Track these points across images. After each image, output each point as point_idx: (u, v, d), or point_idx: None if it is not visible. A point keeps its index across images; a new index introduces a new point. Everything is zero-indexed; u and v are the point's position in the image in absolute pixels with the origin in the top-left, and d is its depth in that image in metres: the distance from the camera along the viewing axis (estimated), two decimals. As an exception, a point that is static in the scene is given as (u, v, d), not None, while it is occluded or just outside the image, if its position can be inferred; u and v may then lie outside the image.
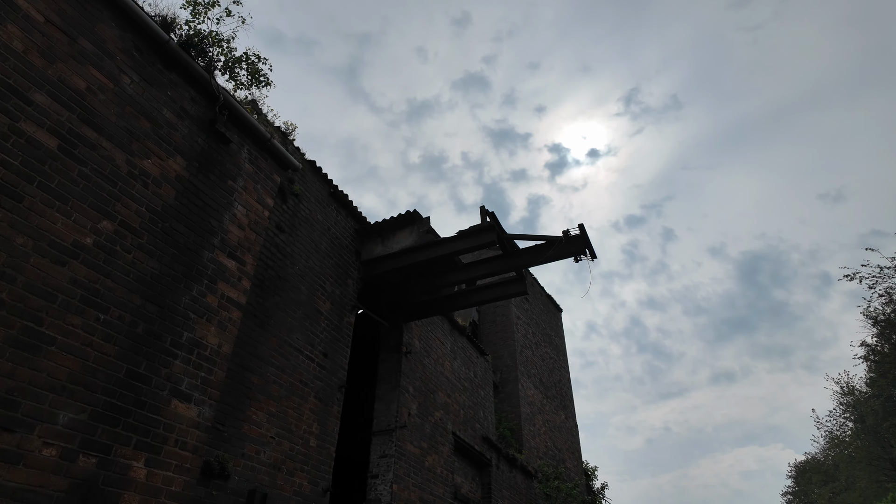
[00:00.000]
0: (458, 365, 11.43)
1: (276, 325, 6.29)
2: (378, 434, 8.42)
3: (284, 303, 6.52)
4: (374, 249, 8.50)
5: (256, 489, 5.35)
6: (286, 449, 5.93)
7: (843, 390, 35.44)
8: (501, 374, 19.22)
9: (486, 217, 7.85)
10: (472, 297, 9.09)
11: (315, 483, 6.23)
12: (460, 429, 10.68)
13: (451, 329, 11.63)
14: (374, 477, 8.02)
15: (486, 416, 12.30)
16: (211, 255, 4.75)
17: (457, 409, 10.77)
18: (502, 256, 8.28)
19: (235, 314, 4.82)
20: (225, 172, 5.20)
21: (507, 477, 12.38)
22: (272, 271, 6.44)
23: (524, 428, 17.50)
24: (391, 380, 8.91)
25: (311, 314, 6.97)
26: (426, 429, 9.28)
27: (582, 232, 7.66)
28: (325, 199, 7.99)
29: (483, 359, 13.07)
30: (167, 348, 4.10)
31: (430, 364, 10.14)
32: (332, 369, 7.08)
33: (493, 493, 11.38)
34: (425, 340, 10.19)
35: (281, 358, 6.21)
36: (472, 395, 11.83)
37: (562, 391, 22.54)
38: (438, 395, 10.10)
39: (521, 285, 8.80)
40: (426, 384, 9.73)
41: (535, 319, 22.73)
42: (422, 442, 9.00)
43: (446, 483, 9.49)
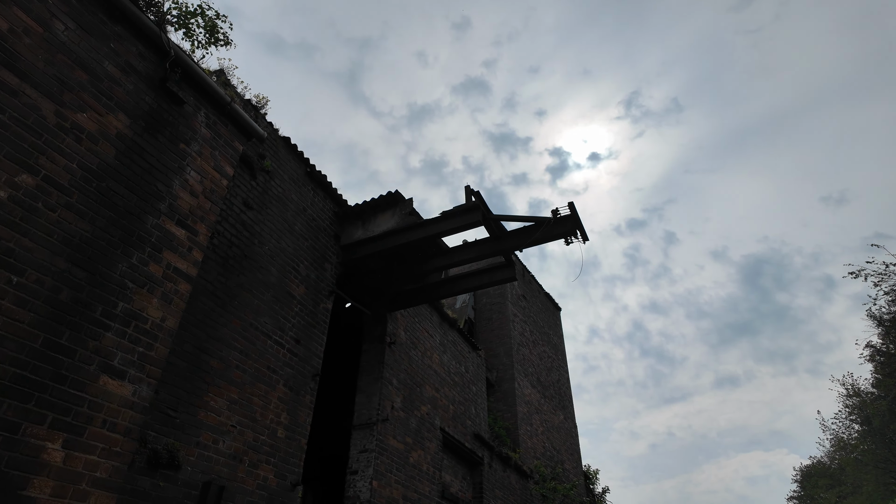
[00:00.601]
0: (447, 359, 10.97)
1: (241, 306, 5.85)
2: (358, 428, 7.96)
3: (251, 284, 6.08)
4: (354, 233, 8.07)
5: (212, 481, 4.90)
6: (249, 439, 5.48)
7: (848, 392, 34.83)
8: (497, 373, 18.73)
9: (471, 197, 7.41)
10: (459, 285, 8.65)
11: (283, 477, 5.77)
12: (449, 425, 10.21)
13: (441, 322, 11.18)
14: (354, 473, 7.56)
15: (479, 413, 11.82)
16: (156, 221, 4.32)
17: (446, 405, 10.30)
18: (489, 240, 7.84)
19: (184, 287, 4.38)
20: (177, 135, 4.78)
21: (500, 476, 11.88)
22: (237, 249, 6.01)
23: (521, 428, 16.98)
24: (374, 371, 8.45)
25: (283, 297, 6.54)
26: (411, 423, 8.81)
27: (572, 211, 7.22)
28: (301, 179, 7.57)
29: (476, 354, 12.61)
30: (97, 319, 3.67)
31: (417, 356, 9.68)
32: (304, 357, 6.64)
33: (485, 493, 10.89)
34: (412, 332, 9.74)
35: (245, 342, 5.77)
36: (463, 391, 11.36)
37: (560, 391, 22.02)
38: (425, 389, 9.64)
39: (511, 271, 8.36)
40: (412, 377, 9.27)
41: (532, 317, 22.24)
42: (406, 437, 8.54)
43: (433, 481, 9.01)
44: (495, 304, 20.62)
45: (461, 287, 8.61)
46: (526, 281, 23.13)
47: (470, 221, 7.22)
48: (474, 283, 8.50)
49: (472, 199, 7.38)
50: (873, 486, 31.20)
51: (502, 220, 7.54)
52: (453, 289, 8.69)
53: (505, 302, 20.37)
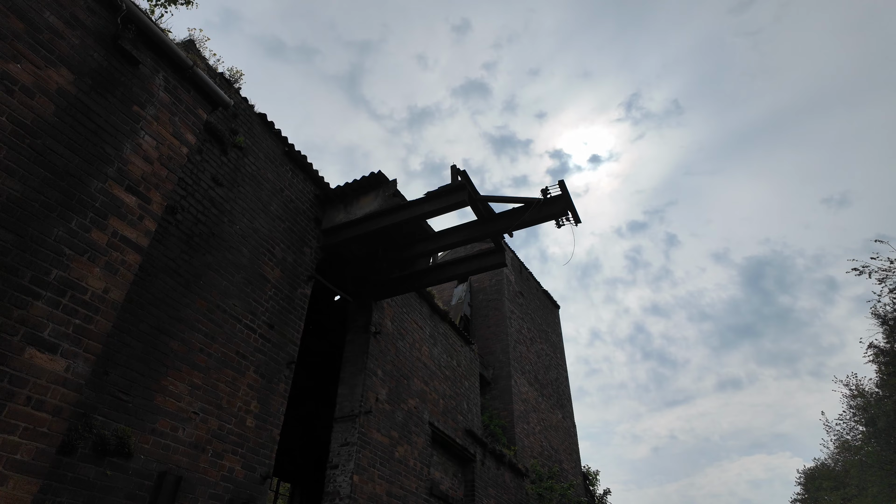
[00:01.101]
0: (438, 352, 10.60)
1: (207, 287, 5.49)
2: (340, 420, 7.59)
3: (219, 264, 5.72)
4: (335, 217, 7.71)
5: (169, 471, 4.53)
6: (214, 427, 5.11)
7: (851, 393, 34.36)
8: (494, 370, 18.34)
9: (457, 176, 7.05)
10: (446, 271, 8.28)
11: (251, 468, 5.40)
12: (439, 420, 9.83)
13: (432, 313, 10.80)
14: (334, 467, 7.18)
15: (471, 409, 11.44)
16: (102, 185, 3.97)
17: (435, 399, 9.92)
18: (477, 223, 7.48)
19: (132, 257, 4.02)
20: (130, 96, 4.43)
21: (493, 474, 11.48)
22: (204, 227, 5.66)
23: (517, 426, 16.58)
24: (357, 362, 8.08)
25: (255, 280, 6.17)
26: (397, 417, 8.43)
27: (563, 191, 6.86)
28: (279, 158, 7.22)
29: (468, 348, 12.22)
30: (25, 286, 3.31)
31: (405, 348, 9.31)
32: (279, 343, 6.27)
33: (477, 491, 10.50)
34: (399, 322, 9.37)
35: (211, 324, 5.40)
36: (455, 385, 10.98)
37: (558, 389, 21.61)
38: (413, 382, 9.27)
39: (500, 256, 7.98)
40: (399, 369, 8.89)
41: (530, 315, 21.85)
42: (391, 431, 8.16)
43: (421, 477, 8.62)
44: (492, 300, 20.24)
45: (449, 273, 8.25)
46: (523, 278, 22.75)
47: (456, 202, 6.86)
48: (463, 270, 8.14)
49: (457, 178, 7.02)
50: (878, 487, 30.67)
51: (490, 201, 7.18)
52: (441, 275, 8.33)
53: (501, 298, 19.99)
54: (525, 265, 23.43)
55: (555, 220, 7.11)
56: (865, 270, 25.06)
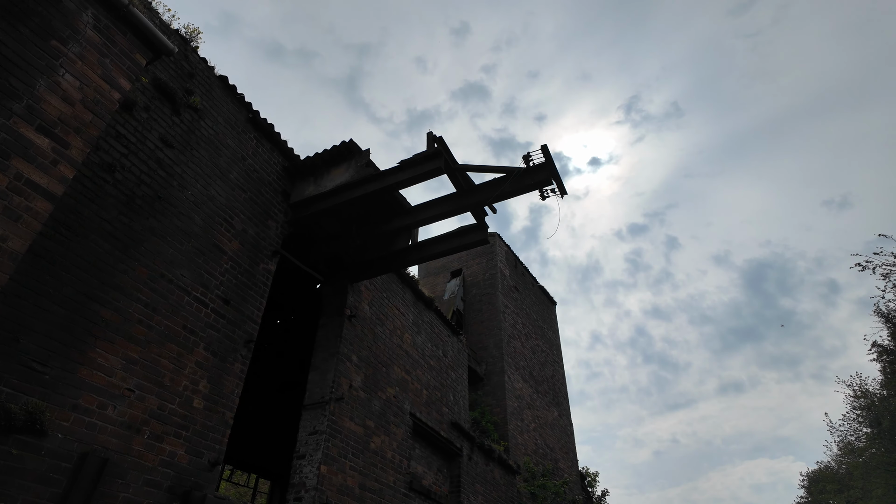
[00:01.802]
0: (422, 340, 10.08)
1: (150, 253, 4.99)
2: (309, 408, 7.07)
3: (166, 230, 5.22)
4: (305, 190, 7.22)
5: (93, 452, 4.01)
6: (153, 407, 4.60)
7: (855, 394, 33.76)
8: (487, 366, 17.80)
9: (432, 143, 6.56)
10: (427, 250, 7.77)
11: (197, 453, 4.88)
12: (422, 411, 9.30)
13: (416, 301, 10.29)
14: (301, 457, 6.66)
15: (458, 401, 10.91)
16: (5, 122, 3.47)
17: (418, 388, 9.39)
18: (456, 195, 6.98)
19: (41, 205, 3.52)
20: (48, 29, 3.93)
21: (481, 470, 10.94)
22: (148, 189, 5.16)
23: (510, 423, 16.02)
24: (329, 346, 7.57)
25: (208, 251, 5.67)
26: (374, 405, 7.91)
27: (546, 157, 6.36)
28: (241, 125, 6.73)
29: (456, 339, 11.70)
30: None
31: (384, 334, 8.79)
32: (235, 320, 5.76)
33: (463, 487, 9.96)
34: (379, 307, 8.86)
35: (153, 294, 4.90)
36: (440, 376, 10.45)
37: (555, 387, 21.04)
38: (393, 370, 8.74)
39: (482, 233, 7.47)
40: (377, 356, 8.38)
41: (525, 310, 21.31)
42: (367, 420, 7.63)
43: (399, 470, 8.09)
44: (485, 294, 19.72)
45: (430, 252, 7.74)
46: (518, 273, 22.22)
47: (431, 169, 6.36)
48: (443, 248, 7.63)
49: (433, 145, 6.53)
50: (883, 489, 30.01)
51: (469, 170, 6.69)
52: (421, 254, 7.81)
53: (495, 292, 19.46)
54: (520, 260, 22.90)
55: (539, 190, 6.61)
56: (869, 266, 24.43)
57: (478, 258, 21.13)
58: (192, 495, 4.65)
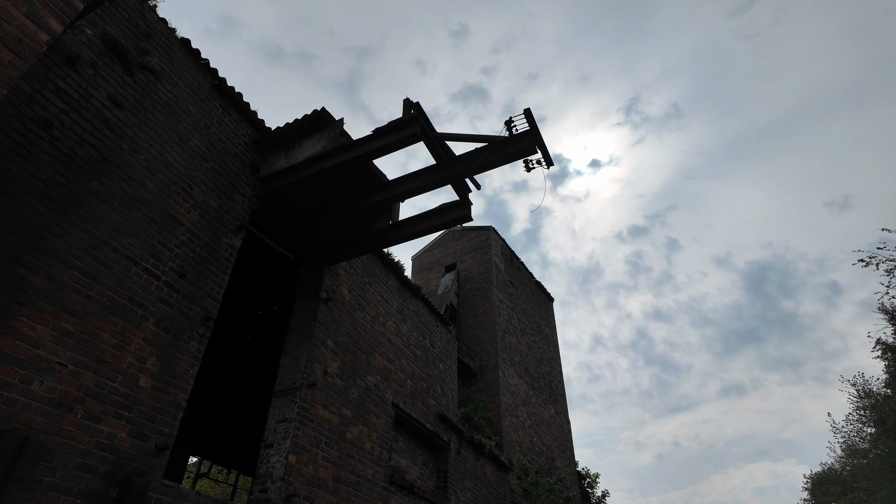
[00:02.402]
0: (407, 329, 9.64)
1: (92, 218, 4.56)
2: (279, 395, 6.63)
3: (112, 195, 4.80)
4: (275, 163, 6.80)
5: (10, 431, 3.58)
6: (90, 384, 4.17)
7: (859, 393, 33.25)
8: (480, 361, 17.35)
9: (409, 110, 6.14)
10: (407, 229, 7.33)
11: (143, 437, 4.44)
12: (406, 402, 8.86)
13: (401, 288, 9.86)
14: (269, 447, 6.22)
15: (446, 394, 10.46)
16: None
17: (402, 378, 8.95)
18: (435, 167, 6.56)
19: (-59, 146, 3.10)
20: (-40, -43, 3.52)
21: (471, 466, 10.48)
22: (92, 150, 4.73)
23: (504, 419, 15.56)
24: (303, 330, 7.14)
25: (162, 220, 5.24)
26: (351, 394, 7.47)
27: (530, 123, 5.93)
28: (206, 92, 6.31)
29: (445, 330, 11.26)
30: None
31: (365, 320, 8.36)
32: (192, 296, 5.33)
33: (451, 483, 9.50)
34: (359, 292, 8.42)
35: (94, 262, 4.47)
36: (427, 367, 10.01)
37: (551, 384, 20.56)
38: (374, 358, 8.30)
39: (465, 209, 7.04)
40: (356, 342, 7.94)
41: (521, 305, 20.85)
42: (343, 408, 7.19)
43: (379, 463, 7.64)
44: (480, 289, 19.27)
45: (410, 231, 7.30)
46: (514, 268, 21.77)
47: (406, 136, 5.94)
48: (424, 226, 7.19)
49: (410, 111, 6.10)
50: (888, 490, 29.46)
51: (447, 139, 6.26)
52: (401, 233, 7.37)
53: (490, 287, 19.01)
54: (516, 255, 22.46)
55: (524, 161, 6.20)
56: (872, 262, 23.94)
57: (472, 252, 20.70)
58: (134, 482, 4.21)
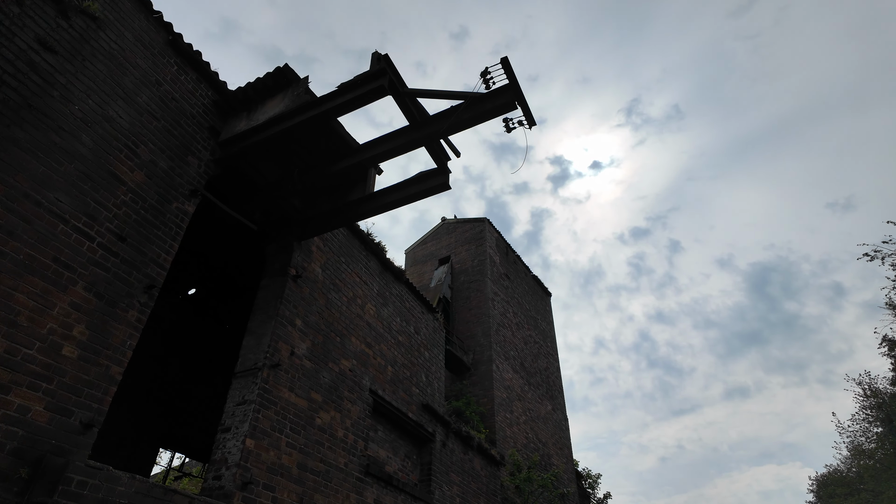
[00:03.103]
0: (388, 313, 9.13)
1: (10, 168, 4.07)
2: (240, 375, 6.13)
3: (37, 144, 4.31)
4: (237, 126, 6.31)
5: None
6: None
7: (865, 392, 32.57)
8: (474, 355, 16.83)
9: (377, 62, 5.64)
10: (382, 199, 6.82)
11: (65, 412, 3.94)
12: (386, 389, 8.34)
13: (382, 270, 9.35)
14: (226, 430, 5.71)
15: (432, 383, 9.94)
16: None
17: (381, 364, 8.44)
18: (409, 128, 6.06)
19: None
20: None
21: (458, 459, 9.96)
22: (14, 94, 4.25)
23: (498, 414, 15.02)
24: (269, 308, 6.64)
25: (100, 178, 4.75)
26: (323, 377, 6.97)
27: (510, 77, 5.42)
28: (158, 47, 5.82)
29: (431, 317, 10.75)
30: None
31: (340, 302, 7.85)
32: (132, 261, 4.83)
33: (435, 476, 8.98)
34: (335, 272, 7.93)
35: (10, 215, 3.98)
36: (411, 354, 9.50)
37: (548, 379, 20.01)
38: (350, 341, 7.80)
39: (443, 177, 6.52)
40: (329, 323, 7.44)
41: (516, 299, 20.33)
42: (313, 392, 6.69)
43: (354, 452, 7.13)
44: (474, 282, 18.76)
45: (386, 201, 6.79)
46: (510, 261, 21.26)
47: (373, 89, 5.45)
48: (402, 195, 6.68)
49: (378, 63, 5.61)
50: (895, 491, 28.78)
51: (420, 96, 5.76)
52: (377, 204, 6.87)
53: (484, 279, 18.50)
54: (512, 248, 21.95)
55: (503, 121, 5.71)
56: (877, 256, 23.33)
57: (466, 245, 20.20)
58: (49, 461, 3.71)
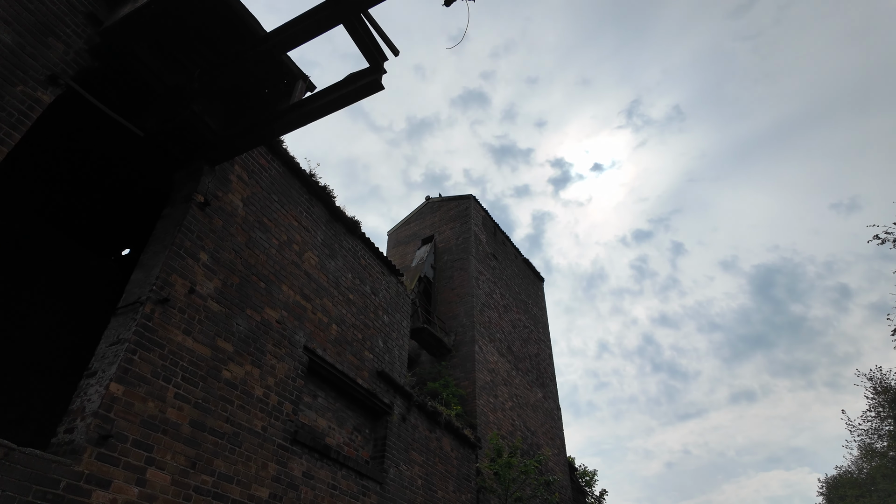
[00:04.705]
0: (336, 267, 7.98)
1: None
2: (120, 313, 4.99)
3: None
4: (121, 10, 5.19)
5: None
6: None
7: (875, 388, 31.25)
8: (456, 336, 15.63)
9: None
10: (307, 106, 5.64)
11: None
12: (328, 349, 7.19)
13: (331, 219, 8.21)
14: (91, 375, 4.56)
15: (392, 350, 8.77)
16: None
17: (323, 322, 7.28)
18: (324, 6, 4.93)
19: None
20: None
21: (421, 436, 8.77)
22: None
23: (479, 397, 13.79)
24: (165, 239, 5.50)
25: None
26: (237, 324, 5.82)
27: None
28: None
29: (394, 280, 9.60)
30: None
31: (269, 244, 6.71)
32: (-62, 139, 3.70)
33: (390, 452, 7.80)
34: (263, 209, 6.79)
35: None
36: (364, 315, 8.34)
37: (539, 366, 18.75)
38: (280, 290, 6.65)
39: (375, 75, 5.35)
40: (251, 266, 6.29)
41: (505, 280, 19.11)
42: (220, 340, 5.53)
43: (277, 415, 5.97)
44: (458, 260, 17.57)
45: (312, 107, 5.62)
46: (498, 241, 20.05)
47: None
48: (329, 99, 5.50)
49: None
50: (905, 493, 27.42)
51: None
52: (301, 112, 5.69)
53: (468, 257, 17.31)
54: (501, 228, 20.76)
55: (437, -9, 4.57)
56: (889, 238, 21.96)
57: (451, 223, 19.03)
58: None
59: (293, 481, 5.96)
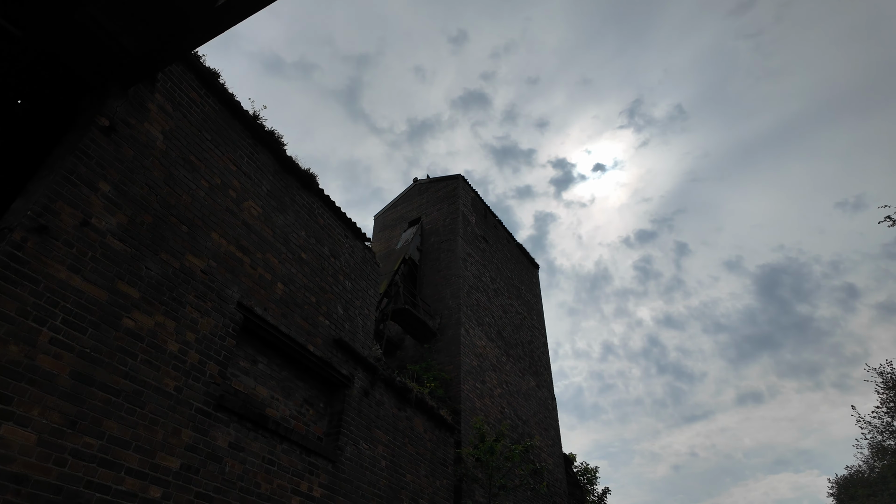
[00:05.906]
0: (285, 222, 7.15)
1: None
2: (-13, 243, 4.15)
3: None
4: None
5: None
6: None
7: (886, 383, 30.19)
8: (441, 319, 14.75)
9: None
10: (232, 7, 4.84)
11: None
12: (271, 309, 6.34)
13: (280, 170, 7.39)
14: (-64, 312, 3.72)
15: (353, 319, 7.92)
16: None
17: (265, 279, 6.45)
18: None
19: None
20: None
21: (388, 414, 7.91)
22: None
23: (465, 382, 12.90)
24: (56, 164, 4.67)
25: None
26: (147, 269, 4.98)
27: None
28: None
29: (359, 244, 8.75)
30: None
31: (197, 185, 5.89)
32: None
33: (348, 429, 6.95)
34: (189, 146, 5.97)
35: None
36: (320, 278, 7.50)
37: (532, 353, 17.83)
38: (209, 237, 5.82)
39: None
40: (171, 206, 5.46)
41: (495, 264, 18.22)
42: (122, 283, 4.70)
43: (197, 376, 5.12)
44: (445, 241, 16.71)
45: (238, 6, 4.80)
46: (489, 224, 19.19)
47: None
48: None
49: None
50: (919, 490, 26.37)
51: None
52: (224, 15, 4.88)
53: (455, 238, 16.44)
54: (492, 211, 19.90)
55: None
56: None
57: (438, 204, 18.17)
58: None
59: (216, 452, 5.10)
